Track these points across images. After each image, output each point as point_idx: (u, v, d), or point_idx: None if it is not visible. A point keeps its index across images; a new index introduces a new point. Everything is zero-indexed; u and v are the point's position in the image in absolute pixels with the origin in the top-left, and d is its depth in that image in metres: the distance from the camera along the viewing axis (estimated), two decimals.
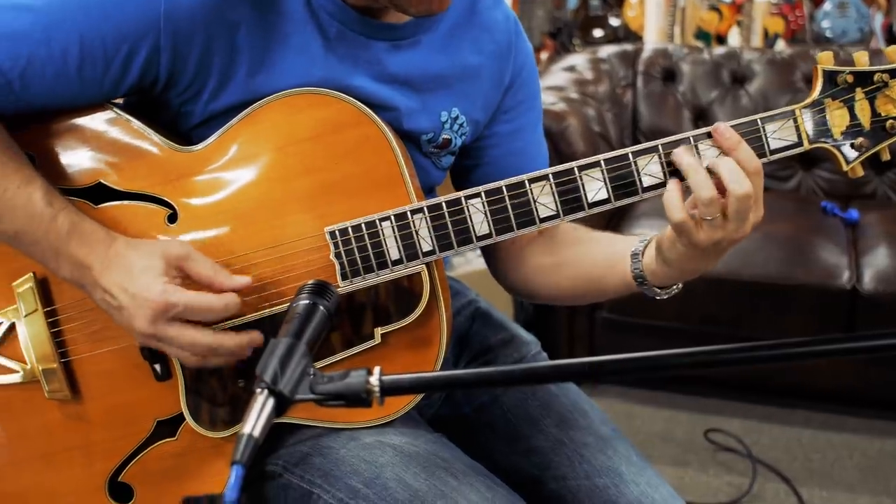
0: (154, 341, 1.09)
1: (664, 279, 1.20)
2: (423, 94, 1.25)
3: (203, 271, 1.10)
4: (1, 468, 1.24)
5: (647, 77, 3.55)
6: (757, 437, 2.83)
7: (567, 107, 3.03)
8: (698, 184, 1.06)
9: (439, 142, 1.29)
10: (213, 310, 1.09)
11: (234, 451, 0.77)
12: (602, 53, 3.65)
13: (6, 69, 1.09)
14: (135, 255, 1.09)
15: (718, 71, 3.52)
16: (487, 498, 1.12)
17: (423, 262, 1.15)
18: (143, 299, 1.06)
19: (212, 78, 1.15)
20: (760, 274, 2.77)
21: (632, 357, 0.80)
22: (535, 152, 1.40)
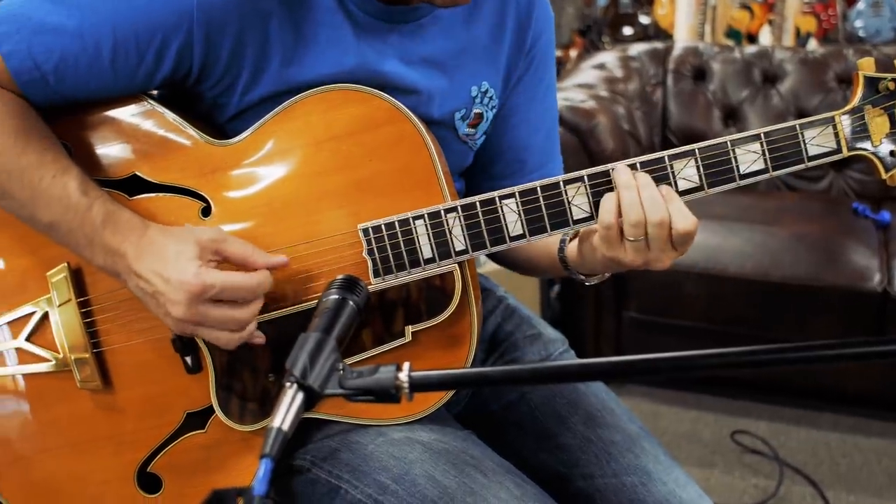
0: (191, 326, 1.09)
1: (585, 269, 1.23)
2: (451, 72, 1.25)
3: (238, 251, 1.10)
4: (32, 455, 1.25)
5: (678, 75, 3.53)
6: (784, 439, 2.81)
7: (597, 104, 3.02)
8: (628, 203, 1.08)
9: (472, 117, 1.29)
10: (247, 287, 1.08)
11: (263, 445, 0.78)
12: (632, 51, 3.63)
13: (41, 62, 1.10)
14: (168, 240, 1.09)
15: (749, 70, 3.49)
16: (517, 496, 1.12)
17: (455, 262, 1.15)
18: (179, 282, 1.06)
19: (245, 69, 1.15)
20: (789, 275, 2.75)
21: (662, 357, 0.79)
22: (541, 123, 1.41)
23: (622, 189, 1.09)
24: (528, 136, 1.39)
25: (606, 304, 2.99)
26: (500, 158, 1.39)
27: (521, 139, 1.39)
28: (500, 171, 1.40)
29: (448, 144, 1.28)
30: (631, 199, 1.08)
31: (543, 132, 1.41)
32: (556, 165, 1.45)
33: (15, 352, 1.22)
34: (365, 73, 1.18)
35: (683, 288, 2.85)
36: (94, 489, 1.25)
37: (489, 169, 1.40)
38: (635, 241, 1.08)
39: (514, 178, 1.40)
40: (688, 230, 1.07)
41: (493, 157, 1.39)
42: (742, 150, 1.10)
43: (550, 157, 1.44)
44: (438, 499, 1.11)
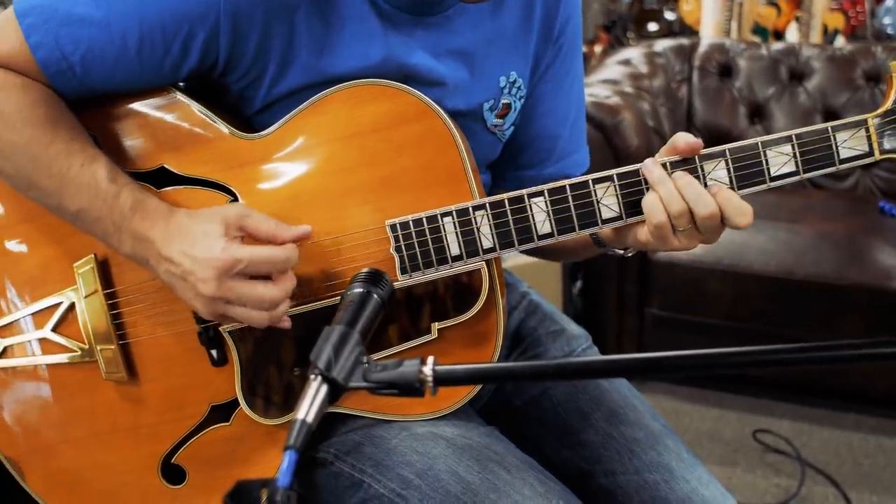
0: (222, 304, 1.08)
1: (621, 246, 1.21)
2: (479, 63, 1.25)
3: (263, 226, 1.09)
4: (56, 445, 1.26)
5: (703, 72, 3.51)
6: (806, 439, 2.79)
7: (621, 101, 3.01)
8: (667, 196, 1.08)
9: (500, 108, 1.29)
10: (275, 259, 1.07)
11: (287, 437, 0.78)
12: (658, 47, 3.61)
13: (68, 53, 1.11)
14: (194, 221, 1.09)
15: (776, 67, 3.46)
16: (540, 493, 1.12)
17: (483, 259, 1.14)
18: (206, 259, 1.05)
19: (272, 61, 1.15)
20: (813, 273, 2.73)
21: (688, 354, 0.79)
22: (568, 112, 1.40)
23: (657, 185, 1.08)
24: (556, 126, 1.39)
25: (629, 300, 2.98)
26: (527, 148, 1.39)
27: (550, 128, 1.38)
28: (528, 161, 1.40)
29: (477, 136, 1.28)
30: (669, 192, 1.08)
31: (571, 120, 1.41)
32: (583, 154, 1.44)
33: (41, 341, 1.23)
34: (392, 65, 1.18)
35: (707, 285, 2.84)
36: (118, 479, 1.26)
37: (516, 159, 1.40)
38: (685, 229, 1.08)
39: (542, 167, 1.40)
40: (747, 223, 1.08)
41: (520, 147, 1.38)
42: (773, 152, 1.09)
43: (578, 146, 1.43)
44: (461, 494, 1.11)
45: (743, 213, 1.07)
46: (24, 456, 1.27)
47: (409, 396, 0.85)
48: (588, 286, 3.14)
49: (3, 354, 1.25)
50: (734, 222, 1.08)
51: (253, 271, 1.07)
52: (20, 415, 1.26)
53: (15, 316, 1.24)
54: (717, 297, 2.83)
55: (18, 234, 1.23)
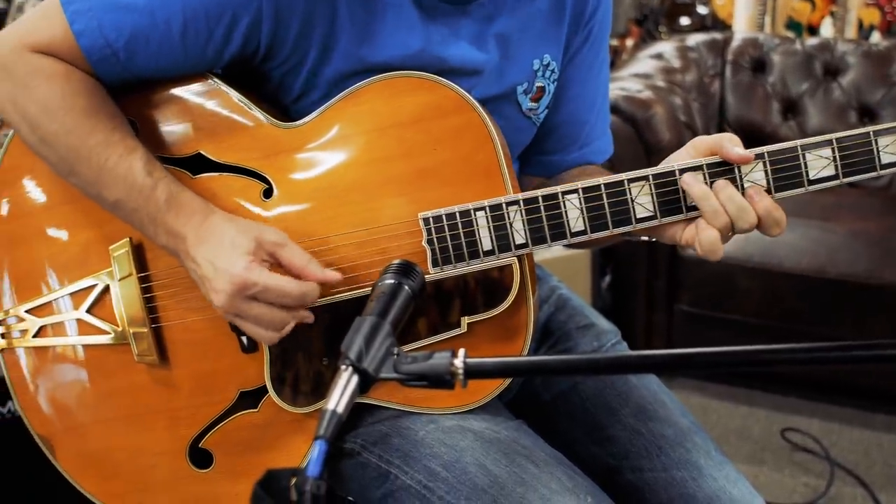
0: (231, 316, 1.11)
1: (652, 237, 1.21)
2: (514, 47, 1.25)
3: (296, 260, 1.10)
4: (88, 424, 1.28)
5: (736, 67, 3.48)
6: (836, 438, 2.77)
7: (653, 95, 2.99)
8: (711, 214, 1.08)
9: (534, 91, 1.28)
10: (290, 295, 1.08)
11: (317, 427, 0.78)
12: (690, 41, 3.58)
13: (112, 39, 1.12)
14: (229, 229, 1.10)
15: (810, 63, 3.42)
16: (568, 487, 1.12)
17: (514, 255, 1.14)
18: (225, 272, 1.07)
19: (312, 48, 1.15)
20: (846, 272, 2.71)
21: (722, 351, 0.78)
22: (595, 97, 1.39)
23: (700, 201, 1.08)
24: (583, 111, 1.38)
25: (658, 296, 2.97)
26: (553, 132, 1.38)
27: (577, 113, 1.38)
28: (553, 146, 1.40)
29: (512, 121, 1.28)
30: (713, 208, 1.08)
31: (598, 106, 1.40)
32: (606, 141, 1.44)
33: (76, 322, 1.25)
34: (429, 56, 1.17)
35: (737, 282, 2.82)
36: (147, 461, 1.27)
37: (542, 143, 1.39)
38: None
39: (566, 152, 1.40)
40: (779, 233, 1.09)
41: (546, 132, 1.38)
42: (812, 156, 1.07)
43: (600, 134, 1.43)
44: (489, 487, 1.11)
45: (778, 224, 1.08)
46: (55, 434, 1.28)
47: (439, 388, 0.85)
48: (617, 281, 3.13)
49: (39, 334, 1.26)
50: (768, 232, 1.09)
51: (267, 299, 1.08)
52: (53, 394, 1.28)
53: (51, 296, 1.25)
54: (748, 294, 2.81)
55: (58, 216, 1.25)
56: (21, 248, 1.26)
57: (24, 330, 1.27)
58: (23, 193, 1.26)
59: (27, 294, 1.27)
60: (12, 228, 1.27)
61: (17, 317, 1.27)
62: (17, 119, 1.16)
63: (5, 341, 1.28)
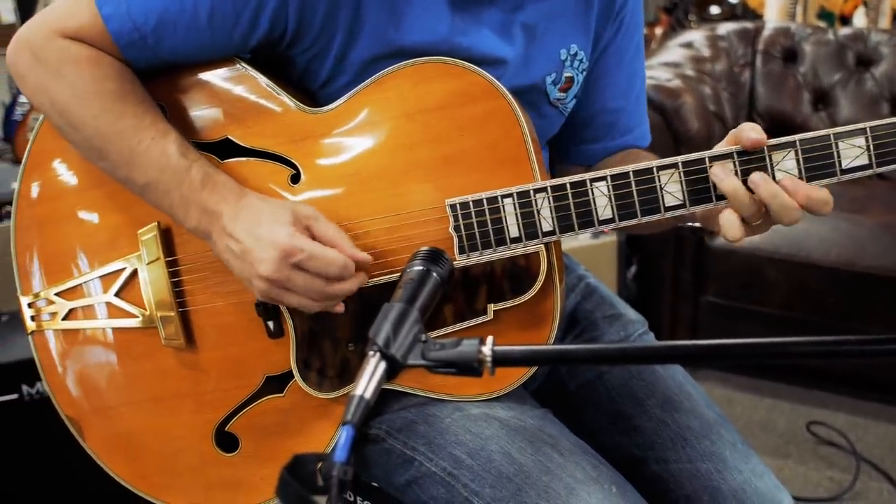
0: (276, 289, 1.09)
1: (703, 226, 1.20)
2: (540, 36, 1.24)
3: (328, 234, 1.10)
4: (115, 407, 1.29)
5: (767, 56, 3.44)
6: (862, 433, 2.75)
7: (682, 84, 2.97)
8: (740, 206, 1.06)
9: (563, 81, 1.27)
10: (334, 263, 1.08)
11: (345, 412, 0.78)
12: (721, 30, 3.55)
13: (140, 23, 1.12)
14: (265, 206, 1.10)
15: (843, 53, 3.38)
16: (592, 476, 1.11)
17: (542, 242, 1.13)
18: (269, 241, 1.07)
19: (339, 32, 1.15)
20: (875, 265, 2.69)
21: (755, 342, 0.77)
22: (630, 85, 1.39)
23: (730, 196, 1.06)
24: (619, 99, 1.38)
25: (684, 287, 2.95)
26: (590, 122, 1.38)
27: (613, 102, 1.37)
28: (591, 136, 1.39)
29: (540, 110, 1.27)
30: (741, 204, 1.06)
31: (633, 95, 1.40)
32: (644, 130, 1.43)
33: (105, 305, 1.26)
34: (456, 42, 1.17)
35: (765, 273, 2.79)
36: (174, 444, 1.28)
37: (580, 134, 1.39)
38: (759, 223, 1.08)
39: (604, 141, 1.39)
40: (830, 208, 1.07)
41: (584, 122, 1.38)
42: (846, 144, 1.06)
43: (640, 121, 1.42)
44: (514, 476, 1.10)
45: (826, 204, 1.06)
46: (83, 416, 1.30)
47: (466, 376, 0.85)
48: (643, 271, 3.11)
49: (68, 316, 1.27)
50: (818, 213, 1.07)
51: (311, 267, 1.08)
52: (81, 376, 1.29)
53: (80, 280, 1.26)
54: (775, 286, 2.79)
55: (87, 200, 1.25)
56: (51, 231, 1.27)
57: (53, 312, 1.28)
58: (53, 177, 1.27)
59: (57, 277, 1.28)
60: (42, 211, 1.27)
61: (47, 299, 1.28)
62: (47, 104, 1.16)
63: (35, 324, 1.29)
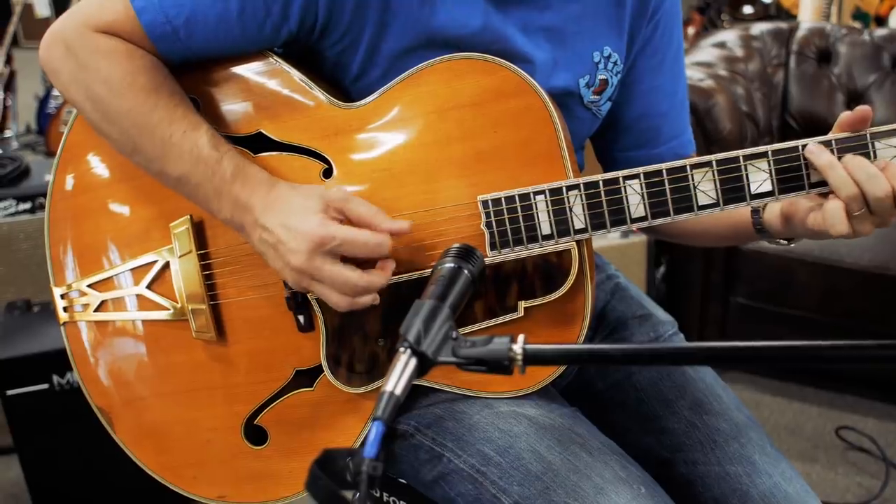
0: (307, 279, 1.09)
1: (787, 237, 1.19)
2: (571, 39, 1.23)
3: (363, 213, 1.10)
4: (146, 398, 1.30)
5: (801, 57, 3.41)
6: (892, 438, 2.72)
7: (715, 84, 2.94)
8: (837, 182, 1.04)
9: (597, 84, 1.26)
10: (368, 244, 1.08)
11: (375, 408, 0.78)
12: (754, 30, 3.52)
13: (172, 16, 1.13)
14: (295, 195, 1.10)
15: (878, 54, 3.34)
16: (621, 477, 1.11)
17: (573, 240, 1.13)
18: (301, 232, 1.06)
19: (368, 24, 1.15)
20: None
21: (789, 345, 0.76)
22: (673, 88, 1.37)
23: (827, 170, 1.05)
24: (661, 103, 1.36)
25: (714, 288, 2.93)
26: (632, 128, 1.36)
27: (653, 106, 1.35)
28: (633, 142, 1.37)
29: (574, 113, 1.26)
30: (839, 177, 1.04)
31: (677, 100, 1.38)
32: (689, 138, 1.41)
33: (136, 297, 1.27)
34: (489, 36, 1.16)
35: (796, 276, 2.77)
36: (203, 436, 1.28)
37: (621, 140, 1.38)
38: (858, 214, 1.06)
39: (647, 148, 1.37)
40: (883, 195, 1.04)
41: (624, 128, 1.36)
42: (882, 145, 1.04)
43: (683, 129, 1.40)
44: (542, 474, 1.10)
45: None
46: (114, 407, 1.31)
47: (497, 374, 0.85)
48: (672, 272, 3.09)
49: (100, 308, 1.28)
50: None
51: (345, 251, 1.07)
52: (112, 367, 1.30)
53: (112, 272, 1.27)
54: (807, 289, 2.77)
55: (119, 193, 1.26)
56: (84, 223, 1.28)
57: (85, 304, 1.29)
58: (87, 170, 1.28)
59: (89, 269, 1.29)
60: (76, 204, 1.28)
61: (80, 291, 1.29)
62: (80, 98, 1.17)
63: (67, 315, 1.30)
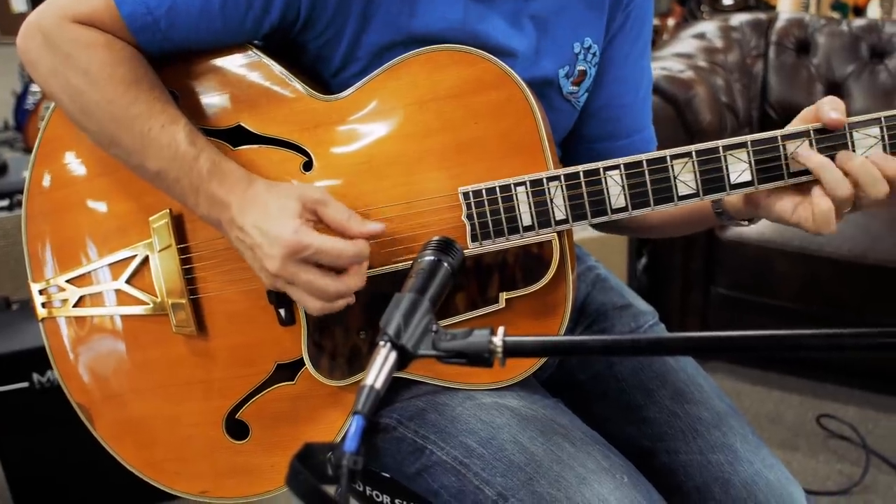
0: (282, 283, 1.09)
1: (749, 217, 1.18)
2: (552, 29, 1.23)
3: (337, 217, 1.09)
4: (126, 394, 1.29)
5: (780, 48, 3.42)
6: (872, 426, 2.74)
7: (695, 75, 2.95)
8: (833, 184, 1.03)
9: (576, 74, 1.27)
10: (343, 255, 1.07)
11: (355, 402, 0.78)
12: (734, 21, 3.53)
13: (153, 7, 1.12)
14: (272, 195, 1.09)
15: (857, 44, 3.36)
16: (604, 467, 1.11)
17: (554, 231, 1.13)
18: (276, 237, 1.05)
19: (351, 17, 1.15)
20: (888, 258, 2.68)
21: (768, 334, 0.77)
22: (637, 82, 1.37)
23: (821, 172, 1.04)
24: (623, 94, 1.36)
25: (695, 278, 2.95)
26: (594, 117, 1.36)
27: (617, 96, 1.35)
28: (595, 133, 1.37)
29: (553, 104, 1.26)
30: (834, 179, 1.03)
31: (640, 95, 1.38)
32: (651, 134, 1.41)
33: (115, 293, 1.26)
34: (469, 30, 1.16)
35: (776, 266, 2.79)
36: (184, 431, 1.28)
37: (584, 129, 1.37)
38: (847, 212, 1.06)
39: (609, 140, 1.37)
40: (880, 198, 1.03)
41: (588, 116, 1.36)
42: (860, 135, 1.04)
43: (645, 125, 1.41)
44: (525, 465, 1.10)
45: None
46: (94, 403, 1.30)
47: (477, 366, 0.85)
48: (653, 263, 3.11)
49: (79, 303, 1.27)
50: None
51: (320, 260, 1.07)
52: (92, 363, 1.29)
53: (91, 266, 1.26)
54: (787, 278, 2.78)
55: (98, 187, 1.25)
56: (62, 218, 1.27)
57: (64, 299, 1.28)
58: (64, 165, 1.27)
59: (68, 264, 1.28)
60: (54, 199, 1.27)
61: (58, 286, 1.28)
62: (58, 90, 1.16)
63: (46, 310, 1.29)
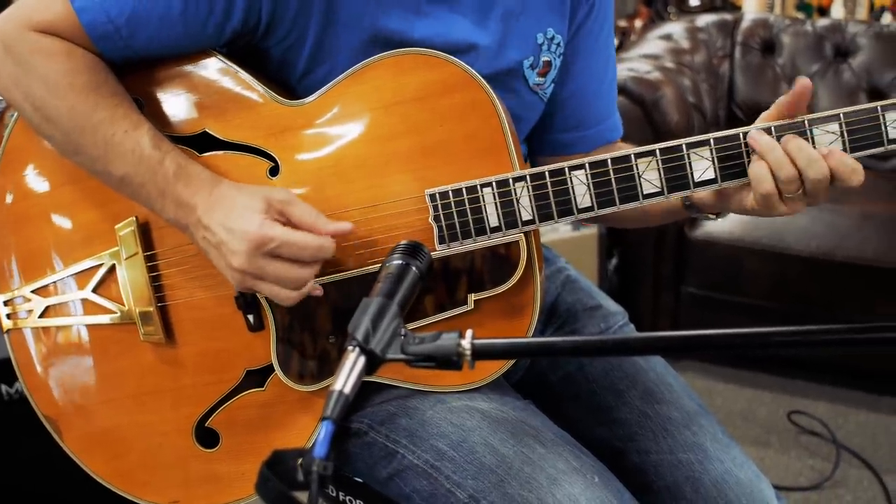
0: (250, 279, 1.08)
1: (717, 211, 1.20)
2: (515, 20, 1.24)
3: (304, 216, 1.09)
4: (94, 405, 1.28)
5: (746, 48, 3.45)
6: (842, 422, 2.76)
7: (662, 76, 2.97)
8: (777, 163, 1.06)
9: (540, 65, 1.27)
10: (308, 247, 1.07)
11: (324, 407, 0.79)
12: (700, 22, 3.56)
13: (114, 15, 1.11)
14: (238, 195, 1.09)
15: (821, 44, 3.40)
16: (575, 467, 1.12)
17: (521, 231, 1.13)
18: (241, 232, 1.05)
19: (313, 21, 1.14)
20: (855, 255, 2.71)
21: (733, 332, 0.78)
22: (603, 71, 1.38)
23: (766, 153, 1.06)
24: (592, 83, 1.37)
25: (665, 279, 2.96)
26: (564, 107, 1.37)
27: (583, 87, 1.36)
28: (563, 123, 1.38)
29: (521, 96, 1.27)
30: (777, 159, 1.06)
31: (605, 83, 1.39)
32: (616, 121, 1.43)
33: (81, 302, 1.25)
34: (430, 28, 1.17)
35: (746, 264, 2.81)
36: (153, 440, 1.27)
37: (553, 121, 1.38)
38: (793, 195, 1.07)
39: (577, 129, 1.38)
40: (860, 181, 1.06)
41: (556, 108, 1.36)
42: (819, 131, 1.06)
43: (612, 112, 1.42)
44: (496, 467, 1.10)
45: (855, 172, 1.05)
46: (62, 415, 1.29)
47: (446, 370, 0.85)
48: (624, 263, 3.12)
49: (45, 314, 1.26)
50: (848, 183, 1.06)
51: (284, 253, 1.07)
52: (59, 374, 1.28)
53: (57, 276, 1.25)
54: (756, 277, 2.81)
55: (63, 196, 1.24)
56: (27, 228, 1.26)
57: (30, 310, 1.27)
58: (28, 175, 1.25)
59: (33, 274, 1.26)
60: (18, 209, 1.26)
61: (24, 297, 1.27)
62: (20, 99, 1.15)
63: (11, 322, 1.28)
